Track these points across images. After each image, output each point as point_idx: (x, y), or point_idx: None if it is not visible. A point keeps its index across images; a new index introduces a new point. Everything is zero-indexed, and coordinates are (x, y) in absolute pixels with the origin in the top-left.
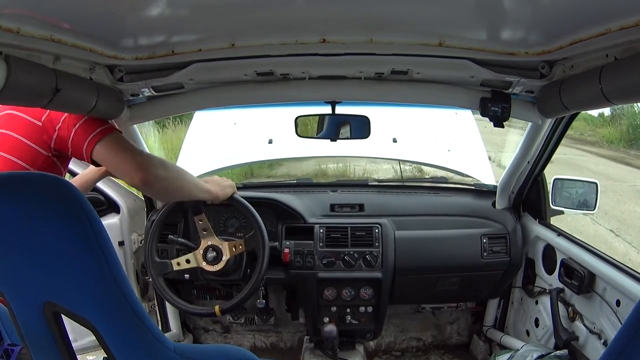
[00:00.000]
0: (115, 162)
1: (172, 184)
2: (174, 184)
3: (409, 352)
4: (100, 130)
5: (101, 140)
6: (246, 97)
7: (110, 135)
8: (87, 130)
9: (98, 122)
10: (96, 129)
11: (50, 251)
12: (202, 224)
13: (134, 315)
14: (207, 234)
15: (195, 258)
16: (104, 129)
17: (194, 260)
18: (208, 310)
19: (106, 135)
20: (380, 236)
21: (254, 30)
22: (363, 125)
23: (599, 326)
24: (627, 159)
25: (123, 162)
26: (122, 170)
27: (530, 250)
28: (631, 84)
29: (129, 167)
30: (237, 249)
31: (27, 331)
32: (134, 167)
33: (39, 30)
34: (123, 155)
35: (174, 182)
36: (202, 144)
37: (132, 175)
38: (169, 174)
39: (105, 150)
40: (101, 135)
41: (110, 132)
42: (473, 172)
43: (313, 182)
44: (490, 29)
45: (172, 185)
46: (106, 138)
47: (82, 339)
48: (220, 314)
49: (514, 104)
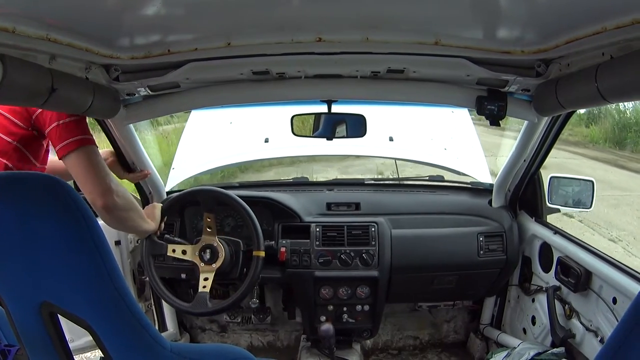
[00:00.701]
0: (82, 178)
1: (126, 214)
2: (127, 214)
3: (405, 350)
4: (77, 139)
5: (76, 150)
6: (242, 96)
7: (86, 149)
8: (66, 132)
9: (79, 129)
10: (75, 136)
11: (47, 251)
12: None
13: (131, 314)
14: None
15: (192, 253)
16: (81, 139)
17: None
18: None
19: (81, 147)
20: (377, 235)
21: (250, 29)
22: (359, 124)
23: (595, 324)
24: (620, 161)
25: (90, 182)
26: (87, 188)
27: (527, 249)
28: (627, 82)
29: (95, 189)
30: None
31: (24, 332)
32: (100, 191)
33: (34, 30)
34: (92, 175)
35: (128, 213)
36: (198, 143)
37: (95, 197)
38: (125, 204)
39: (76, 162)
40: (77, 144)
41: (87, 145)
42: (469, 170)
43: (309, 181)
44: (487, 27)
45: (125, 215)
46: (81, 150)
47: (79, 339)
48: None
49: (510, 102)
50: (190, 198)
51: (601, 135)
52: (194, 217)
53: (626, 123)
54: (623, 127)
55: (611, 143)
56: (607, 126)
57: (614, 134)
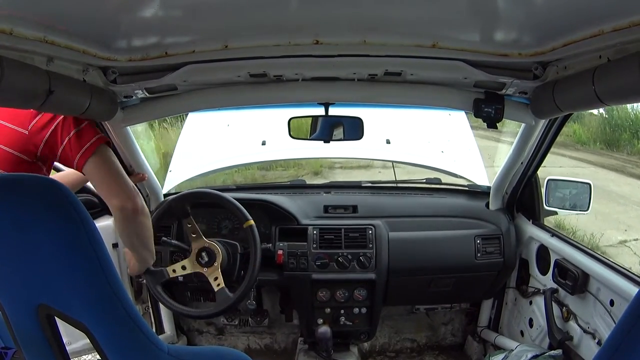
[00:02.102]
0: (108, 182)
1: (149, 221)
2: (149, 222)
3: (403, 353)
4: (93, 142)
5: (94, 154)
6: (239, 99)
7: (103, 149)
8: (79, 141)
9: (91, 133)
10: (89, 140)
11: (44, 254)
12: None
13: (128, 317)
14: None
15: (191, 263)
16: (96, 140)
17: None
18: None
19: (98, 148)
20: (374, 237)
21: (247, 32)
22: (356, 127)
23: (593, 326)
24: (628, 167)
25: (115, 184)
26: (113, 191)
27: (524, 251)
28: (624, 85)
29: (122, 192)
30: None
31: (21, 334)
32: (128, 194)
33: (32, 32)
34: (115, 177)
35: (149, 220)
36: (195, 145)
37: (124, 200)
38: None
39: (97, 166)
40: (94, 147)
41: (103, 144)
42: (466, 173)
43: (306, 184)
44: (484, 30)
45: (148, 224)
46: (99, 152)
47: (76, 342)
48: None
49: (507, 105)
50: (168, 210)
51: (589, 135)
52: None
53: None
54: (616, 127)
55: (603, 144)
56: (593, 125)
57: (604, 134)
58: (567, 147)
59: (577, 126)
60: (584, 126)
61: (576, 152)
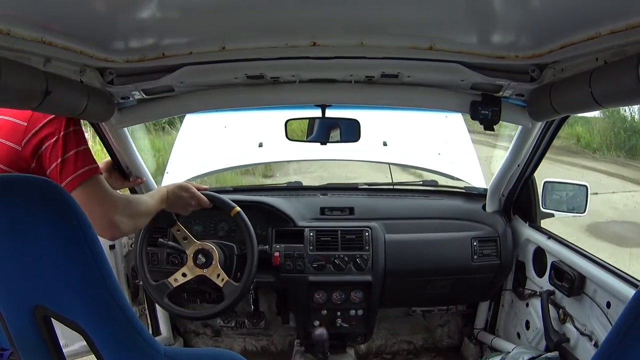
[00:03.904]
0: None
1: (137, 219)
2: (138, 218)
3: (399, 355)
4: (84, 171)
5: (84, 183)
6: (236, 100)
7: (93, 180)
8: (70, 168)
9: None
10: (80, 169)
11: (40, 254)
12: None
13: (125, 319)
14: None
15: (190, 269)
16: (89, 169)
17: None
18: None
19: (89, 179)
20: (371, 239)
21: (245, 33)
22: (353, 129)
23: (589, 328)
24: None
25: (97, 215)
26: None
27: (521, 253)
28: (621, 88)
29: (101, 223)
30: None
31: (17, 335)
32: (105, 224)
33: (29, 32)
34: (98, 208)
35: (138, 216)
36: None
37: (101, 229)
38: (132, 211)
39: (84, 196)
40: (85, 177)
41: (93, 175)
42: (463, 175)
43: (303, 186)
44: (481, 32)
45: (138, 219)
46: (89, 182)
47: (73, 344)
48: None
49: (504, 107)
50: (154, 221)
51: (600, 141)
52: (185, 219)
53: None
54: (632, 131)
55: (619, 151)
56: (601, 128)
57: (616, 139)
58: (577, 154)
59: (581, 129)
60: (591, 129)
61: (592, 161)
